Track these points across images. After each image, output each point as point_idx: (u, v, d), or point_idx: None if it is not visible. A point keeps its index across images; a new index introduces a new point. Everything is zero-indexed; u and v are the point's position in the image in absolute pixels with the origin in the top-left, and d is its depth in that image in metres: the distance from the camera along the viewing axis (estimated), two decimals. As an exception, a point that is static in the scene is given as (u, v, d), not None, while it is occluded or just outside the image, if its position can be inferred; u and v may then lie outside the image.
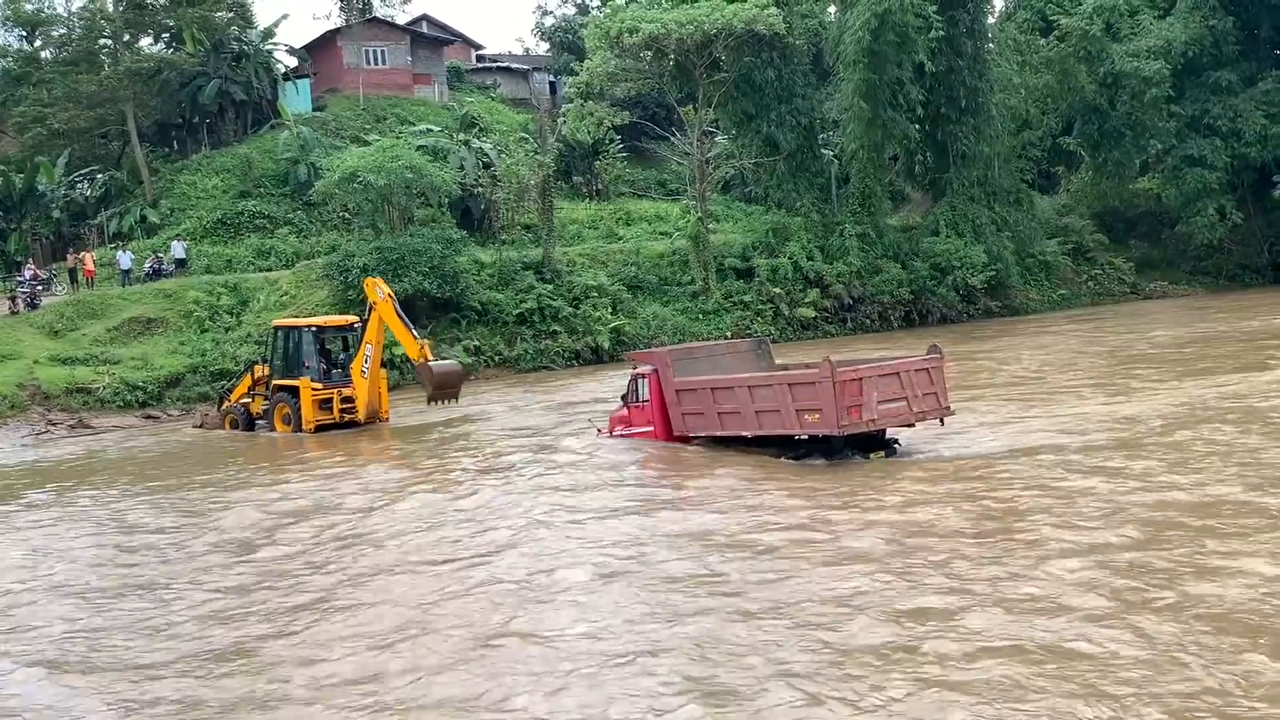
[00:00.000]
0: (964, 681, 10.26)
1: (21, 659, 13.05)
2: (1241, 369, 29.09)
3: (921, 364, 21.08)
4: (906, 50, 50.49)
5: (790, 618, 12.30)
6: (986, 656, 10.76)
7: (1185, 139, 58.64)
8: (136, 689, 11.93)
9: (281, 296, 44.28)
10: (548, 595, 13.84)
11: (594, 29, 52.55)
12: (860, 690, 10.31)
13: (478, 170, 53.12)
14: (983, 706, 9.72)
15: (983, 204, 54.97)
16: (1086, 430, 22.06)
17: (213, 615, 14.28)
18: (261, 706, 11.21)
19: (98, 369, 37.87)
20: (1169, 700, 9.66)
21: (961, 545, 14.55)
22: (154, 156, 58.01)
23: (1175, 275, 60.48)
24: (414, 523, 18.36)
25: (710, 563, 14.73)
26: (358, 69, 65.64)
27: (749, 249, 51.97)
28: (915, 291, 52.34)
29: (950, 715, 9.65)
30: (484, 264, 46.46)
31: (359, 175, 44.87)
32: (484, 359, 43.62)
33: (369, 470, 24.17)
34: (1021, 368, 33.79)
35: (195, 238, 51.97)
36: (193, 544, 18.40)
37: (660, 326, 47.21)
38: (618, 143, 62.58)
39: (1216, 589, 12.20)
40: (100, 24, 55.38)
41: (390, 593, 14.49)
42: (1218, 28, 58.72)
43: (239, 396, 33.08)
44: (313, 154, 54.95)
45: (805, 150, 53.91)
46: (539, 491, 20.13)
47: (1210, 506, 15.69)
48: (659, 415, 23.07)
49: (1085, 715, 9.44)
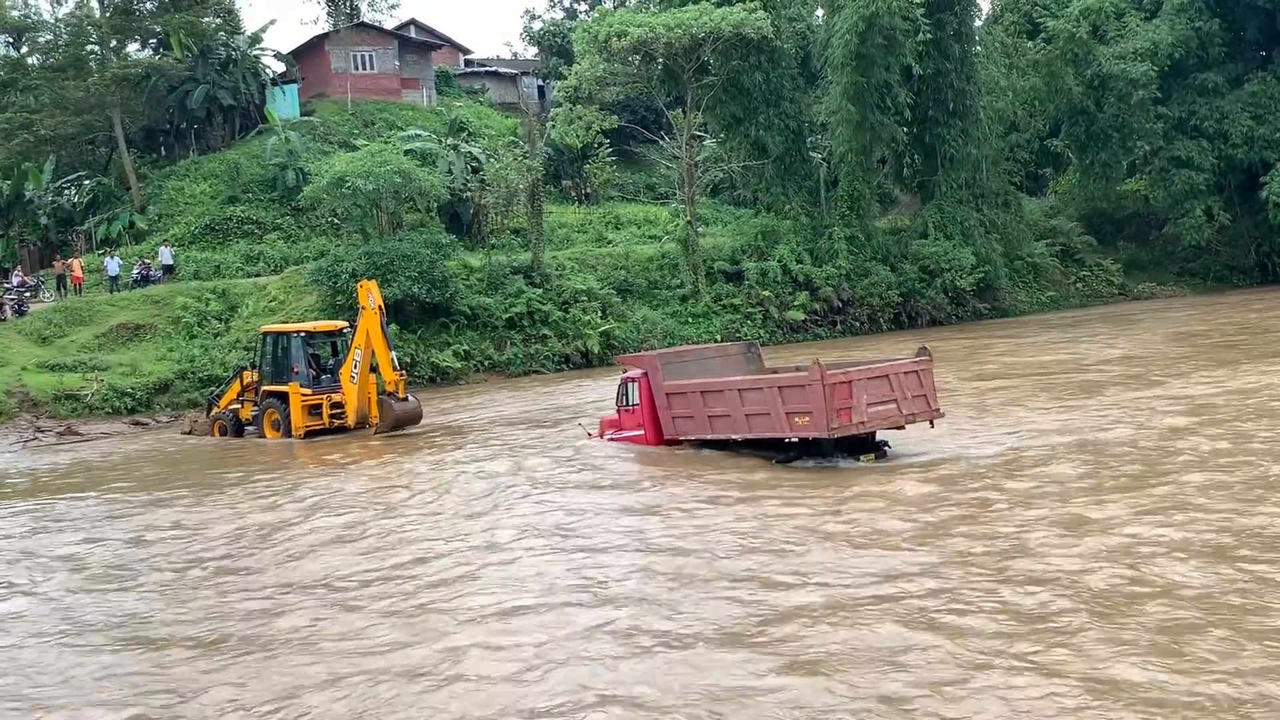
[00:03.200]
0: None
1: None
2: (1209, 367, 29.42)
3: (911, 366, 21.10)
4: (894, 53, 50.58)
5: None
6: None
7: (1172, 140, 58.87)
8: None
9: (270, 302, 44.19)
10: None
11: (582, 33, 52.53)
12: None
13: (466, 175, 53.09)
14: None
15: (971, 206, 55.10)
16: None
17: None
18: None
19: (86, 375, 37.77)
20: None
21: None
22: (141, 162, 57.93)
23: (1163, 276, 60.68)
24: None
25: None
26: (345, 74, 65.60)
27: (738, 252, 52.03)
28: (904, 294, 52.44)
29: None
30: (473, 268, 46.45)
31: (347, 180, 44.80)
32: (473, 363, 43.60)
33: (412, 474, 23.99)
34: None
35: (183, 243, 51.89)
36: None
37: (650, 330, 47.22)
38: (606, 146, 62.62)
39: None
40: (87, 30, 55.30)
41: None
42: (1204, 29, 58.99)
43: (228, 402, 32.99)
44: (301, 159, 54.91)
45: (794, 153, 53.97)
46: (541, 491, 20.25)
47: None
48: (649, 419, 23.08)
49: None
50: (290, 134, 56.64)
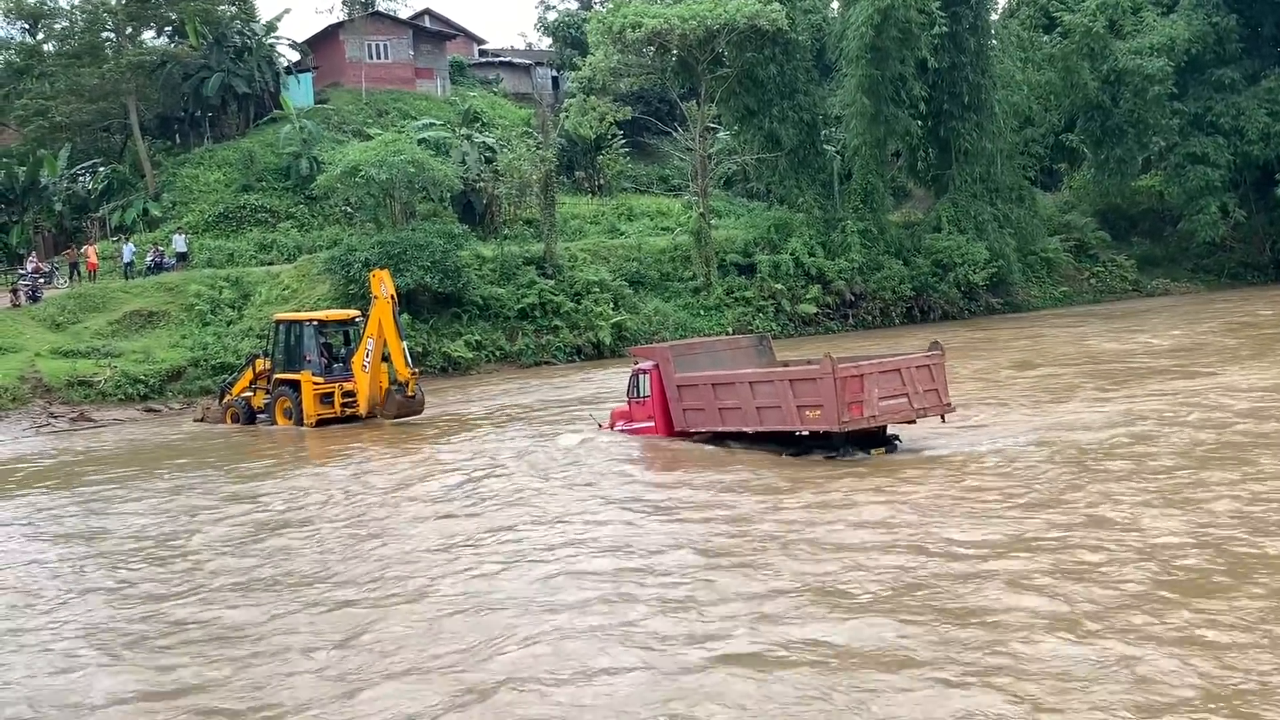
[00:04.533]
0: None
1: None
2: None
3: (923, 360, 21.09)
4: (909, 46, 50.47)
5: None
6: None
7: (1188, 136, 58.59)
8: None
9: (283, 290, 44.25)
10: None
11: (597, 24, 52.44)
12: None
13: (479, 165, 53.10)
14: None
15: (985, 201, 54.96)
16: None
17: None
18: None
19: (99, 362, 37.88)
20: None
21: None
22: (156, 150, 58.05)
23: (1177, 273, 60.47)
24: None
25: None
26: (360, 63, 65.66)
27: (750, 245, 51.94)
28: (917, 288, 52.36)
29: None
30: (485, 259, 46.43)
31: (361, 169, 44.87)
32: (485, 354, 43.63)
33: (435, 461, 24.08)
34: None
35: (197, 231, 52.02)
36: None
37: (661, 322, 47.19)
38: (620, 138, 62.58)
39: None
40: (102, 17, 55.39)
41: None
42: (1221, 25, 58.68)
43: (240, 390, 33.08)
44: (315, 148, 55.00)
45: (807, 146, 53.85)
46: (562, 487, 20.29)
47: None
48: (660, 410, 23.08)
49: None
50: (304, 123, 56.68)
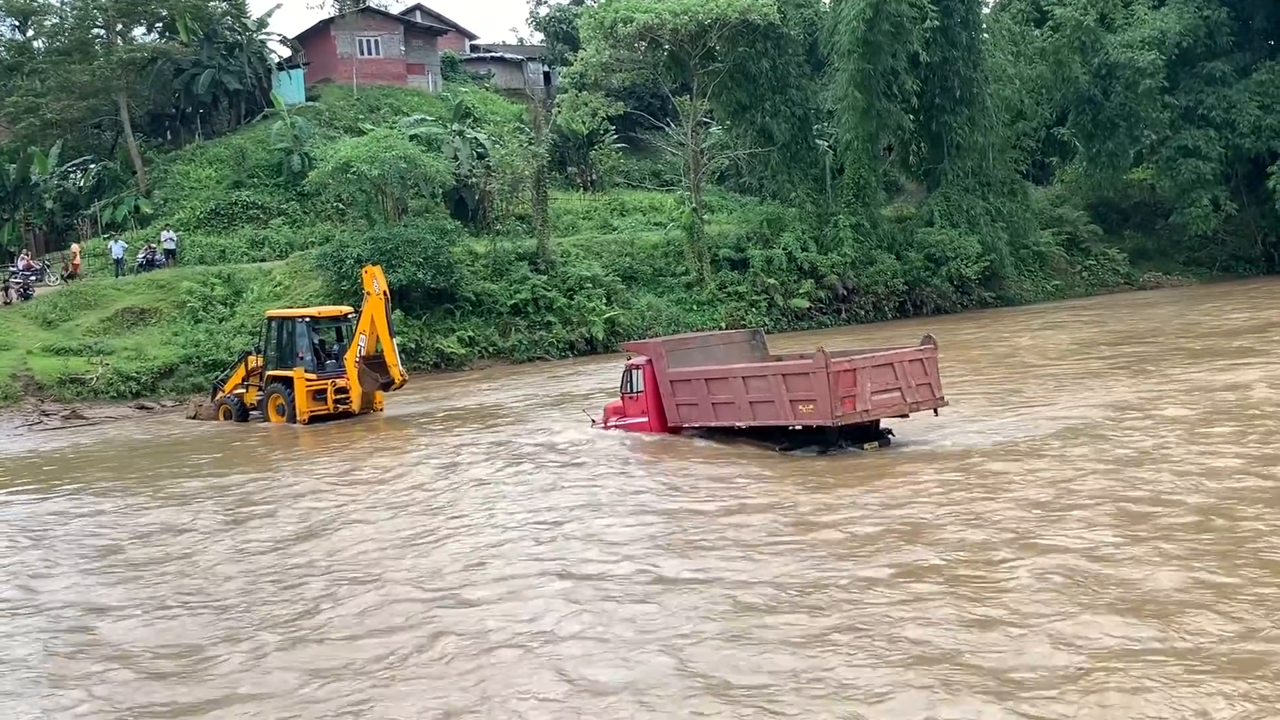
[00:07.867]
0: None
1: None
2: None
3: (915, 354, 21.10)
4: (901, 40, 50.49)
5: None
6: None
7: (1179, 130, 58.65)
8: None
9: (275, 287, 44.19)
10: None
11: (588, 19, 52.43)
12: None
13: (472, 161, 52.98)
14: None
15: (977, 194, 55.02)
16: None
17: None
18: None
19: (91, 359, 37.82)
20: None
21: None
22: (147, 147, 57.87)
23: (1169, 266, 60.52)
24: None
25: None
26: (351, 59, 65.46)
27: (743, 240, 51.94)
28: (910, 282, 52.39)
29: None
30: (478, 255, 46.41)
31: (353, 165, 44.78)
32: (478, 349, 43.62)
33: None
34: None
35: (188, 228, 51.88)
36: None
37: (654, 317, 47.17)
38: (612, 133, 62.45)
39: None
40: (93, 13, 55.16)
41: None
42: (1212, 18, 58.74)
43: (233, 387, 33.06)
44: (306, 144, 54.88)
45: (800, 141, 53.85)
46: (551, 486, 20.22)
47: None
48: (653, 406, 23.08)
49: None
50: (296, 119, 56.52)
